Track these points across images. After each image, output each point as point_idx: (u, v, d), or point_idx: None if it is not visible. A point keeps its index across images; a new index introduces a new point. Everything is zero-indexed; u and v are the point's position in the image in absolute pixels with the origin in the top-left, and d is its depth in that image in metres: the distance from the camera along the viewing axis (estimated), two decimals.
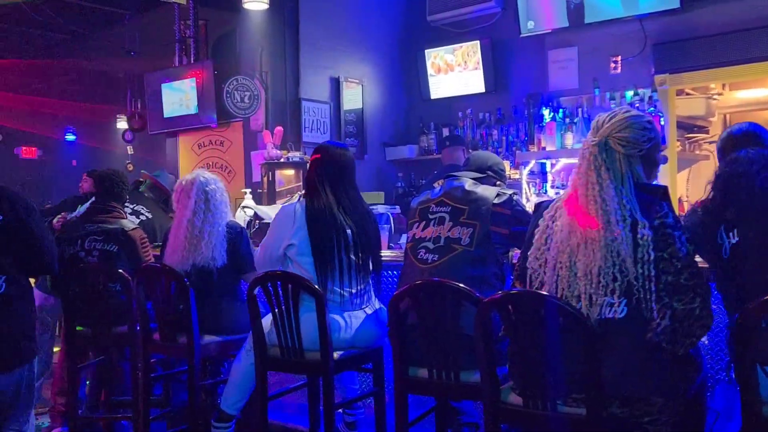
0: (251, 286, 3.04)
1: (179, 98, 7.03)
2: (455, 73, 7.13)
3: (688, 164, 6.24)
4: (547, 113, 5.95)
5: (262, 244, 3.32)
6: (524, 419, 2.26)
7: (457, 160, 5.57)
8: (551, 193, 5.71)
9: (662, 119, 5.53)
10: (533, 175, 5.99)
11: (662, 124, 5.52)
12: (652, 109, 5.55)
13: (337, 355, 2.97)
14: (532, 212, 2.57)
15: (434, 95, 7.30)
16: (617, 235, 2.11)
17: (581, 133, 5.63)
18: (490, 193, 2.89)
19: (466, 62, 7.03)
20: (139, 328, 3.56)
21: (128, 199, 4.38)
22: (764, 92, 6.40)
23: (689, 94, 6.25)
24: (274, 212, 3.71)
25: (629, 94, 5.77)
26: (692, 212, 2.55)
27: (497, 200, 2.86)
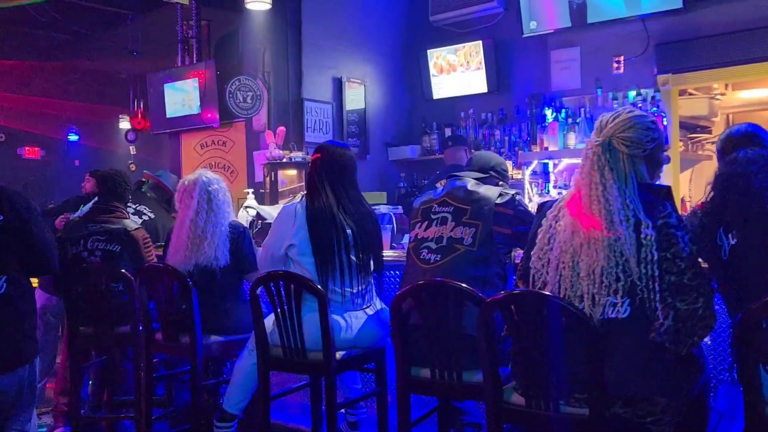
0: (254, 286, 3.04)
1: (182, 98, 7.04)
2: (458, 73, 7.12)
3: (690, 164, 6.22)
4: (549, 113, 5.95)
5: (263, 244, 3.32)
6: (527, 419, 2.26)
7: (459, 160, 5.57)
8: (554, 193, 5.71)
9: (665, 119, 5.52)
10: (536, 175, 5.99)
11: (665, 124, 5.51)
12: (654, 109, 5.54)
13: (339, 355, 2.97)
14: (534, 212, 2.57)
15: (437, 95, 7.29)
16: (620, 235, 2.10)
17: (584, 133, 5.63)
18: (492, 193, 2.88)
19: (468, 62, 7.03)
20: (141, 328, 3.57)
21: (131, 199, 4.37)
22: (767, 92, 6.39)
23: (692, 94, 6.24)
24: (276, 212, 3.71)
25: (632, 94, 5.76)
26: (692, 214, 2.55)
27: (500, 200, 2.85)
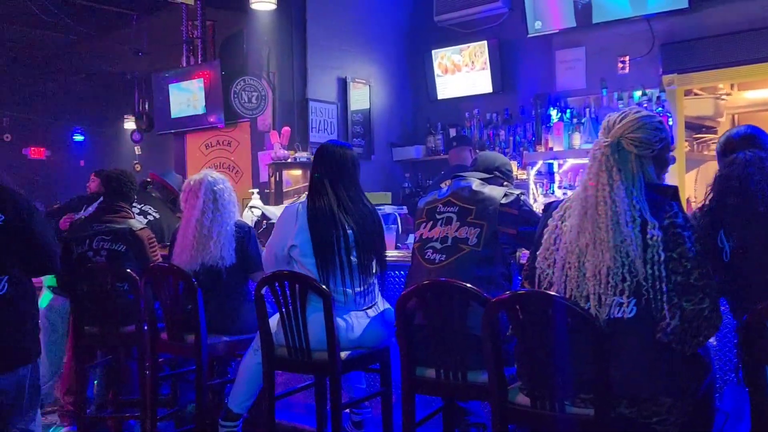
0: (259, 285, 3.04)
1: (187, 98, 7.04)
2: (462, 73, 7.11)
3: (696, 165, 6.20)
4: (554, 113, 5.93)
5: (267, 244, 3.33)
6: (532, 420, 2.26)
7: (464, 160, 5.56)
8: (559, 193, 5.70)
9: (670, 120, 5.51)
10: (540, 175, 5.97)
11: (670, 124, 5.49)
12: (660, 109, 5.52)
13: (344, 355, 2.97)
14: (540, 212, 2.56)
15: (441, 95, 7.28)
16: (626, 236, 2.10)
17: (589, 133, 5.61)
18: (497, 193, 2.88)
19: (473, 62, 7.02)
20: (146, 327, 3.57)
21: (136, 199, 4.38)
22: None
23: (697, 94, 6.22)
24: (281, 212, 3.71)
25: (637, 94, 5.74)
26: (692, 217, 2.54)
27: (505, 200, 2.85)
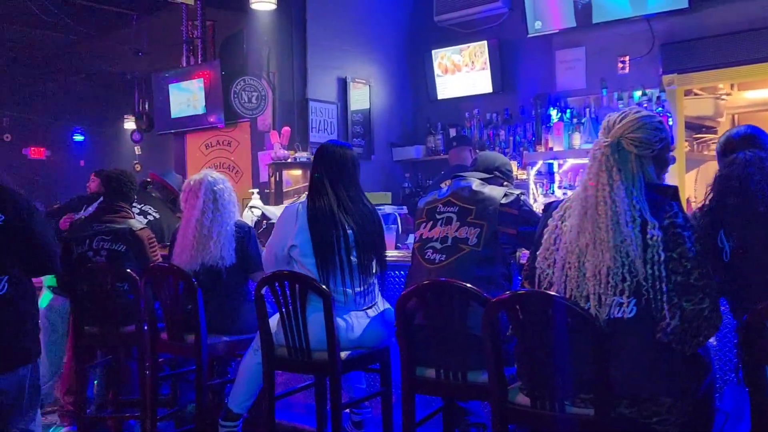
0: (259, 285, 3.04)
1: (187, 98, 7.04)
2: (462, 73, 7.11)
3: (696, 165, 6.20)
4: (554, 113, 5.93)
5: (267, 244, 3.33)
6: (532, 420, 2.26)
7: (464, 160, 5.56)
8: (558, 193, 5.70)
9: (670, 119, 5.51)
10: (540, 175, 5.97)
11: (670, 124, 5.49)
12: (660, 109, 5.52)
13: (344, 355, 2.97)
14: (540, 212, 2.56)
15: (441, 95, 7.28)
16: (626, 236, 2.10)
17: (589, 133, 5.61)
18: (497, 193, 2.88)
19: (473, 62, 7.02)
20: (146, 327, 3.57)
21: (136, 199, 4.38)
22: None
23: (697, 94, 6.22)
24: (281, 212, 3.71)
25: (637, 94, 5.74)
26: (692, 217, 2.54)
27: (505, 200, 2.85)
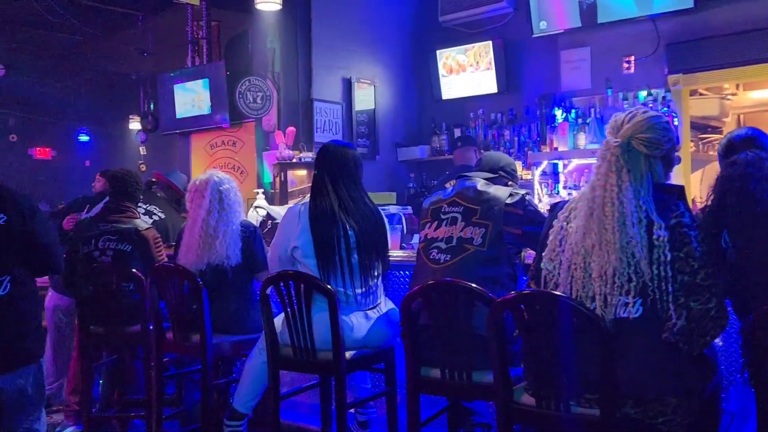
0: (264, 285, 3.05)
1: (192, 99, 7.05)
2: (467, 73, 7.11)
3: (701, 165, 6.19)
4: (559, 114, 5.93)
5: (271, 245, 3.33)
6: (537, 420, 2.26)
7: (468, 160, 5.56)
8: (563, 193, 5.70)
9: (676, 119, 5.50)
10: (545, 175, 5.97)
11: (676, 124, 5.48)
12: (665, 109, 5.52)
13: (349, 355, 2.97)
14: (546, 212, 2.56)
15: (446, 96, 7.28)
16: (632, 236, 2.10)
17: (594, 133, 5.61)
18: (502, 193, 2.88)
19: (478, 63, 7.02)
20: (152, 327, 3.58)
21: (141, 199, 4.39)
22: None
23: (703, 94, 6.21)
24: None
25: (642, 94, 5.73)
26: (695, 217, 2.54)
27: (510, 200, 2.84)
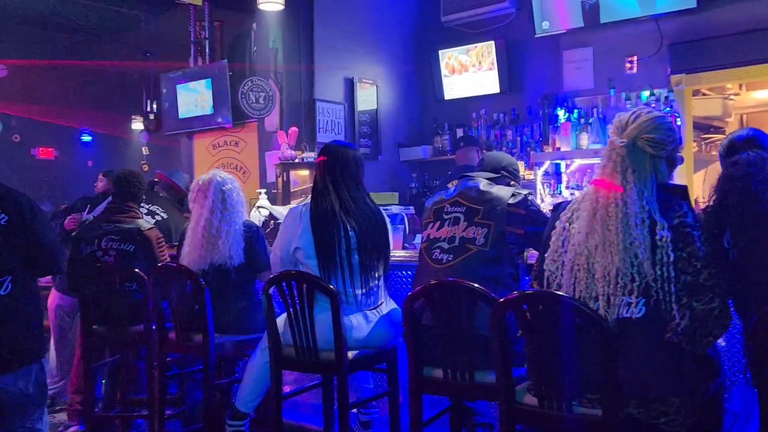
0: (266, 285, 3.05)
1: (194, 99, 7.06)
2: (469, 73, 7.11)
3: (704, 165, 6.18)
4: (561, 114, 5.92)
5: (273, 246, 3.33)
6: (539, 420, 2.25)
7: (471, 160, 5.56)
8: (566, 193, 5.69)
9: (678, 120, 5.49)
10: (548, 175, 5.97)
11: (678, 124, 5.48)
12: (668, 109, 5.51)
13: (351, 355, 2.97)
14: (549, 212, 2.56)
15: (448, 96, 7.28)
16: (635, 237, 2.10)
17: (596, 133, 5.60)
18: (504, 193, 2.88)
19: (480, 63, 7.01)
20: (154, 327, 3.58)
21: (144, 199, 4.40)
22: None
23: (706, 94, 6.20)
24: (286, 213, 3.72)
25: (645, 94, 5.72)
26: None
27: (512, 200, 2.84)
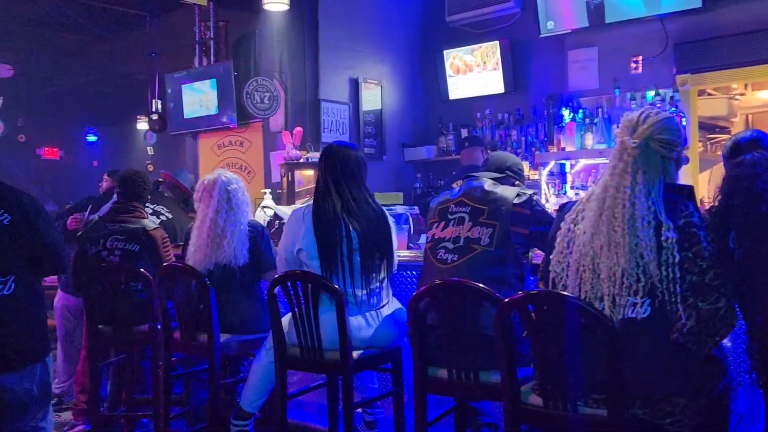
0: (271, 285, 3.05)
1: (199, 99, 7.07)
2: (474, 73, 7.10)
3: (709, 165, 6.15)
4: (566, 114, 5.91)
5: (278, 247, 3.34)
6: (544, 420, 2.25)
7: (475, 160, 5.56)
8: (571, 194, 5.68)
9: (684, 120, 5.48)
10: (552, 175, 5.96)
11: (684, 124, 5.47)
12: (673, 109, 5.50)
13: (356, 354, 2.97)
14: (555, 212, 2.56)
15: (453, 96, 7.28)
16: (641, 238, 2.10)
17: (601, 133, 5.59)
18: (509, 193, 2.88)
19: (485, 63, 7.01)
20: (160, 327, 3.59)
21: (149, 199, 4.41)
22: None
23: (711, 94, 6.18)
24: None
25: (650, 94, 5.71)
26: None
27: (517, 200, 2.84)
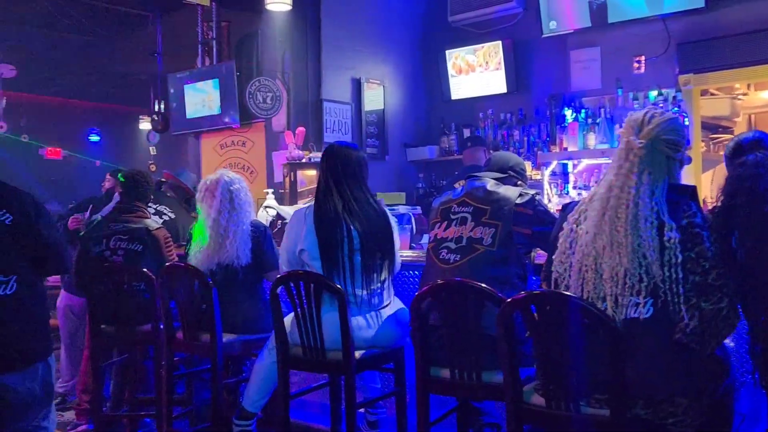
0: (274, 285, 3.05)
1: (202, 99, 7.08)
2: (476, 73, 7.10)
3: (712, 165, 6.15)
4: (569, 114, 5.91)
5: (281, 247, 3.34)
6: (547, 420, 2.25)
7: (478, 160, 5.56)
8: (573, 194, 5.69)
9: (686, 120, 5.48)
10: (555, 175, 5.96)
11: (686, 124, 5.46)
12: (676, 109, 5.49)
13: (358, 354, 2.98)
14: (557, 212, 2.56)
15: (455, 96, 7.28)
16: (644, 239, 2.10)
17: (603, 133, 5.59)
18: (512, 193, 2.88)
19: (487, 63, 7.01)
20: (162, 326, 3.60)
21: (151, 199, 4.41)
22: None
23: (714, 94, 6.18)
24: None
25: (653, 94, 5.71)
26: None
27: (519, 200, 2.84)
